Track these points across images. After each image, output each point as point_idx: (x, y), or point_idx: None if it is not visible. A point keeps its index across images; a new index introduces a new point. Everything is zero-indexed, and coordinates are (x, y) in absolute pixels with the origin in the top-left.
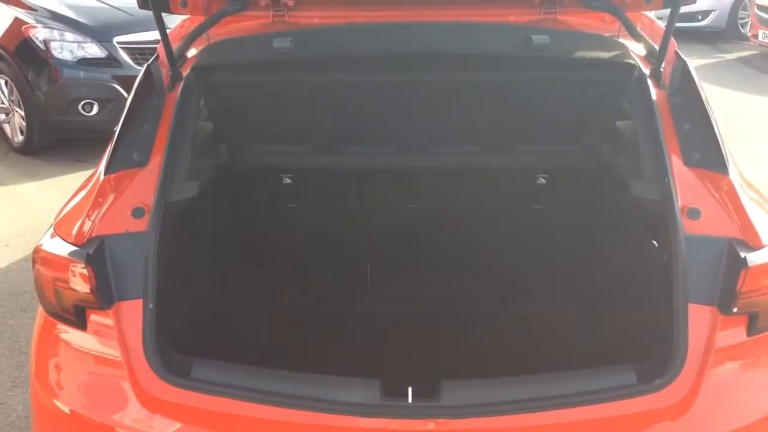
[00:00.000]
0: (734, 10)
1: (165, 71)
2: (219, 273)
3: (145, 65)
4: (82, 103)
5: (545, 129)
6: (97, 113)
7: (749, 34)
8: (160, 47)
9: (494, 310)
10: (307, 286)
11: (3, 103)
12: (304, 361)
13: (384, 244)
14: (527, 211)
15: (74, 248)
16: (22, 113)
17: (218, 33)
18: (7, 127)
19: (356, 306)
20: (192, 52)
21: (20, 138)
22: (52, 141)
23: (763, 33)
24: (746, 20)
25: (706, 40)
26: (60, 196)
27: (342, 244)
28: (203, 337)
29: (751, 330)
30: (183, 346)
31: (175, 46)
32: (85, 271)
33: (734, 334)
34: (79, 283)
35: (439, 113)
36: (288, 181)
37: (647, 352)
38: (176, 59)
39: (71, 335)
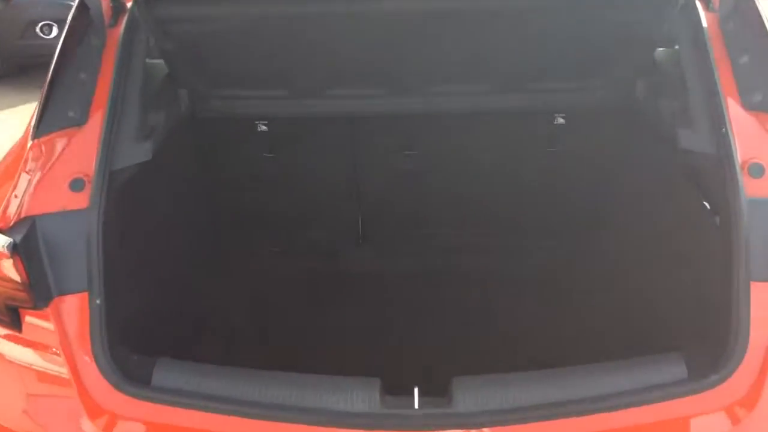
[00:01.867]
0: None
1: (105, 3)
2: (186, 246)
3: None
4: (39, 24)
5: (564, 61)
6: (58, 35)
7: None
8: None
9: (502, 270)
10: (291, 246)
11: None
12: (288, 340)
13: (377, 195)
14: (542, 157)
15: None
16: None
17: None
18: None
19: (347, 265)
20: None
21: None
22: (11, 68)
23: None
24: None
25: None
26: (23, 128)
27: (328, 196)
28: (169, 324)
29: None
30: (144, 342)
31: None
32: (12, 263)
33: None
34: (7, 278)
35: (439, 48)
36: (263, 128)
37: (697, 339)
38: None
39: (3, 343)
